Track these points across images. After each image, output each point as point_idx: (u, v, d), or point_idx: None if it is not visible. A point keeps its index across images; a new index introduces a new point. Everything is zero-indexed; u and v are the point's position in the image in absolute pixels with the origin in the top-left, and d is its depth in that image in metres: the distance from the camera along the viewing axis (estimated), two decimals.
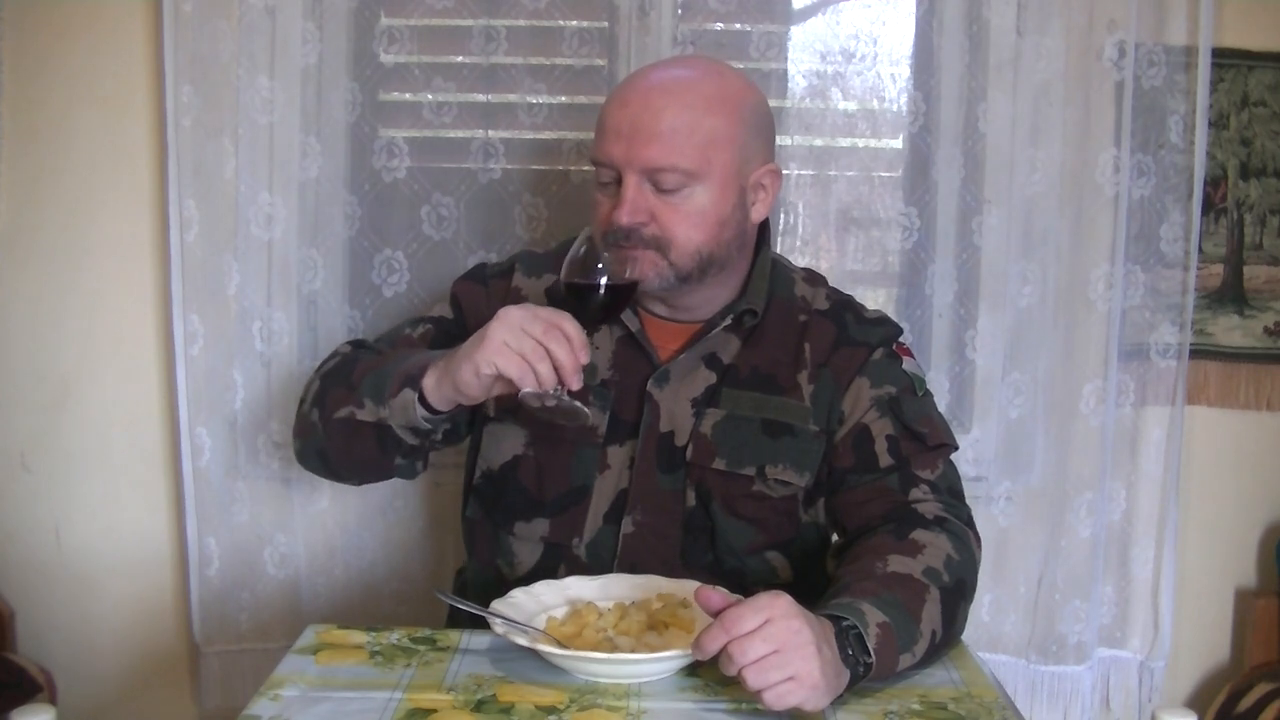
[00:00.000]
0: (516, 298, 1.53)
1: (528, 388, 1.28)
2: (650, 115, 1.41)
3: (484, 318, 1.48)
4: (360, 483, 1.65)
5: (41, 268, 2.12)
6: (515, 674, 1.26)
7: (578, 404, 1.30)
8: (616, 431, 1.49)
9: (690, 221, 1.43)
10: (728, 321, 1.50)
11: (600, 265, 1.33)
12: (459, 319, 1.56)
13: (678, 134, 1.40)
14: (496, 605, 1.33)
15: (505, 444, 1.52)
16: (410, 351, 1.47)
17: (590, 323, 1.35)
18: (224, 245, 2.04)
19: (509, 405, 1.51)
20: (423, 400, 1.35)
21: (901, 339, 1.56)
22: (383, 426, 1.39)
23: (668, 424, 1.49)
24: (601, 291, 1.34)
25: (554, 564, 1.50)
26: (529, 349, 1.27)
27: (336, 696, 1.20)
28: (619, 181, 1.43)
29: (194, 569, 2.10)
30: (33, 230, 2.11)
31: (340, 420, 1.43)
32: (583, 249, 1.34)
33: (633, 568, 1.47)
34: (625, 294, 1.38)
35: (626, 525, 1.48)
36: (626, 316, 1.50)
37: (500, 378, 1.29)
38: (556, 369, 1.27)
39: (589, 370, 1.49)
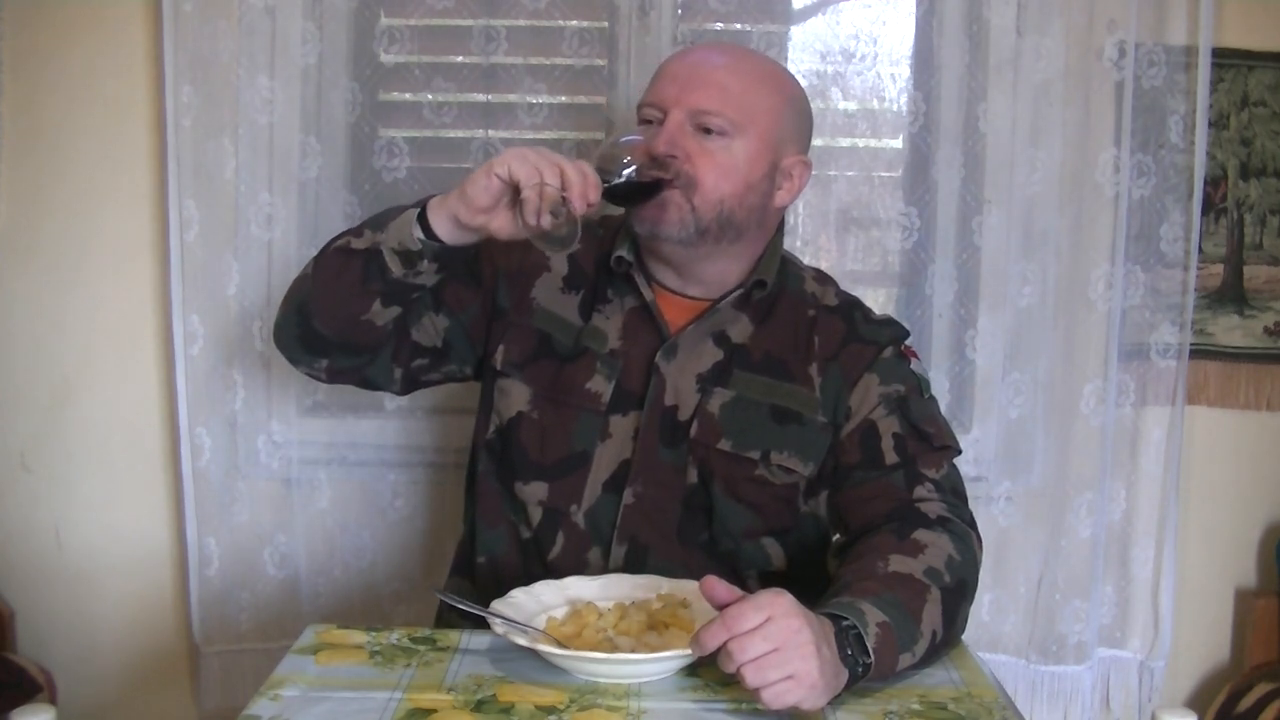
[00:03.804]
0: (539, 255, 1.52)
1: (530, 191, 1.28)
2: (707, 67, 1.48)
3: (501, 259, 1.54)
4: (331, 365, 1.54)
5: (41, 268, 2.12)
6: (515, 674, 1.26)
7: (575, 219, 1.30)
8: (621, 401, 1.50)
9: (721, 170, 1.45)
10: (739, 292, 1.51)
11: (628, 160, 1.38)
12: (476, 253, 1.53)
13: (729, 88, 1.46)
14: (496, 605, 1.33)
15: (511, 399, 1.53)
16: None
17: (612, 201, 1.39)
18: (224, 245, 2.04)
19: (517, 362, 1.52)
20: (424, 224, 1.36)
21: (907, 342, 1.57)
22: (373, 252, 1.39)
23: (672, 398, 1.50)
24: (626, 174, 1.38)
25: (552, 532, 1.51)
26: (545, 164, 1.29)
27: (336, 696, 1.20)
28: (662, 121, 1.46)
29: (194, 569, 2.10)
30: (33, 230, 2.11)
31: (334, 251, 1.45)
32: (614, 142, 1.41)
33: (632, 539, 1.48)
34: (650, 188, 1.41)
35: (627, 496, 1.49)
36: (641, 285, 1.51)
37: (507, 189, 1.30)
38: (566, 189, 1.29)
39: (599, 338, 1.51)
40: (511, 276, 1.56)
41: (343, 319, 1.47)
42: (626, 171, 1.38)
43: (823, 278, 1.61)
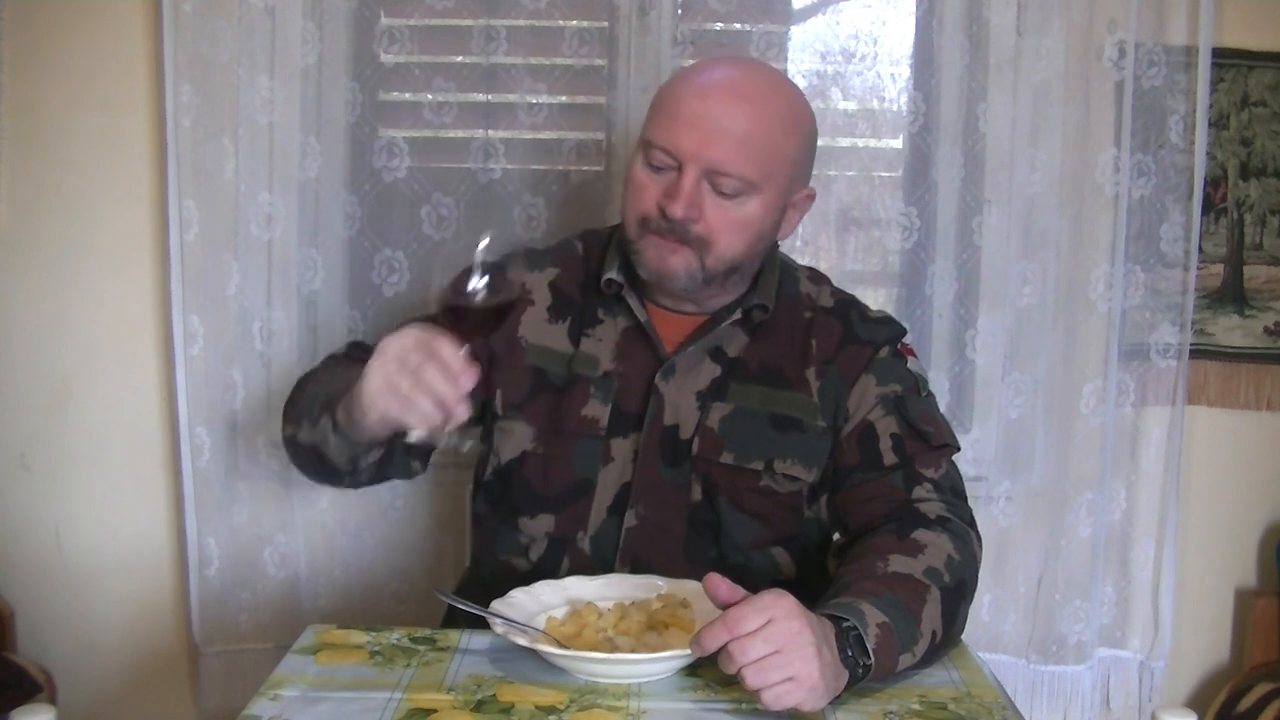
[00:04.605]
0: (520, 291, 1.52)
1: (415, 427, 1.23)
2: (729, 117, 1.40)
3: None
4: (352, 486, 1.57)
5: (42, 268, 2.12)
6: (515, 674, 1.26)
7: (465, 438, 1.25)
8: (620, 424, 1.49)
9: (735, 229, 1.42)
10: (737, 316, 1.50)
11: (473, 280, 1.23)
12: None
13: (750, 142, 1.40)
14: (496, 605, 1.33)
15: (514, 440, 1.52)
16: (345, 370, 1.41)
17: (473, 338, 1.26)
18: (224, 245, 2.04)
19: (516, 403, 1.51)
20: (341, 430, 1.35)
21: (905, 339, 1.56)
22: (319, 450, 1.40)
23: (672, 417, 1.49)
24: (479, 304, 1.24)
25: (558, 558, 1.50)
26: (407, 386, 1.21)
27: (336, 696, 1.20)
28: (675, 169, 1.41)
29: (194, 569, 2.10)
30: (33, 230, 2.11)
31: (287, 439, 1.48)
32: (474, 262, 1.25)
33: (634, 561, 1.48)
34: (506, 310, 1.27)
35: (629, 519, 1.48)
36: (635, 306, 1.50)
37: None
38: (440, 406, 1.21)
39: (590, 362, 1.50)
40: None
41: (334, 483, 1.51)
42: (476, 290, 1.23)
43: (817, 277, 1.60)
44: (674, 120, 1.41)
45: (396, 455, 1.48)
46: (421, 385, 1.20)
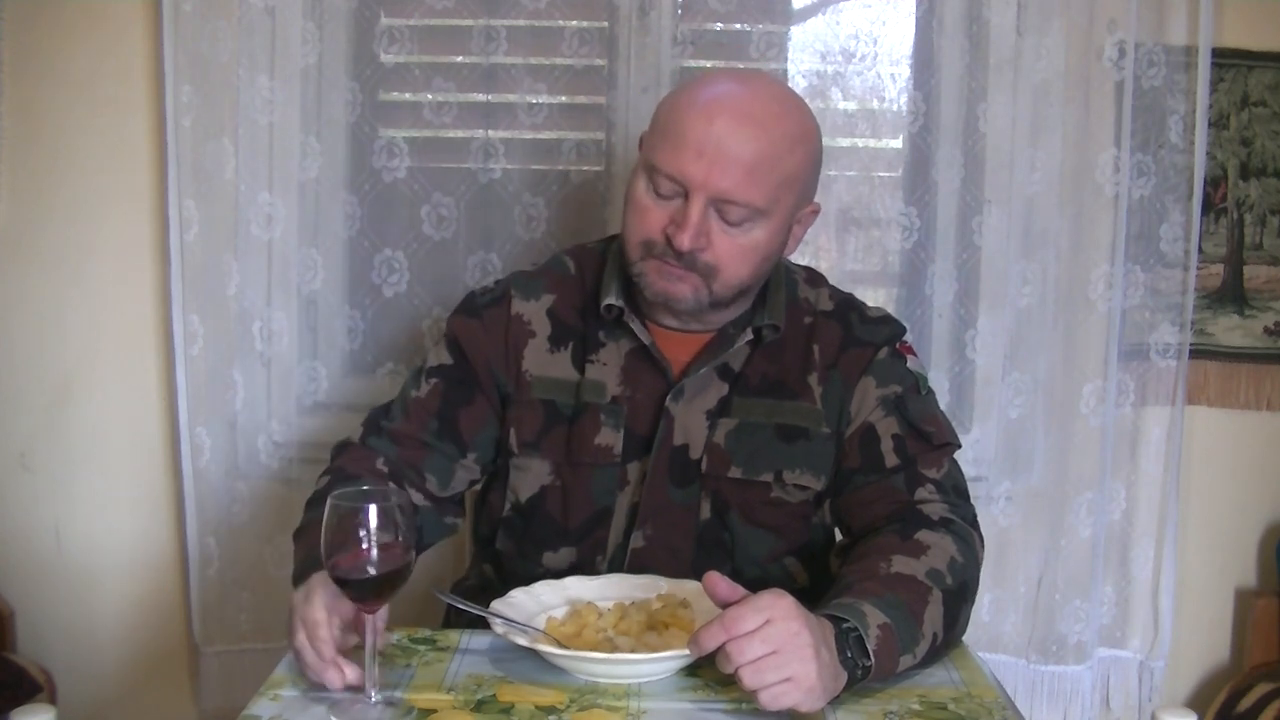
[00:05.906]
0: (519, 325, 1.51)
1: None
2: (737, 143, 1.35)
3: (485, 351, 1.49)
4: None
5: (42, 267, 2.12)
6: (515, 674, 1.26)
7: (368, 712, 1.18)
8: (633, 448, 1.47)
9: (743, 255, 1.40)
10: (748, 336, 1.48)
11: (364, 542, 1.14)
12: (460, 361, 1.51)
13: (759, 170, 1.36)
14: (496, 605, 1.33)
15: (531, 476, 1.51)
16: (314, 534, 1.22)
17: (366, 603, 1.17)
18: (224, 245, 2.04)
19: (530, 441, 1.50)
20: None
21: (904, 337, 1.55)
22: None
23: (681, 437, 1.47)
24: (372, 579, 1.15)
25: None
26: (312, 660, 1.20)
27: (336, 697, 1.20)
28: (681, 195, 1.37)
29: (194, 569, 2.10)
30: (33, 230, 2.11)
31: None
32: (335, 520, 1.14)
33: None
34: (398, 579, 1.17)
35: (636, 540, 1.47)
36: (637, 329, 1.48)
37: None
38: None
39: (597, 389, 1.48)
40: (502, 359, 1.51)
41: None
42: (371, 570, 1.15)
43: (814, 278, 1.59)
44: (680, 145, 1.36)
45: (428, 524, 1.47)
46: (323, 662, 1.19)
